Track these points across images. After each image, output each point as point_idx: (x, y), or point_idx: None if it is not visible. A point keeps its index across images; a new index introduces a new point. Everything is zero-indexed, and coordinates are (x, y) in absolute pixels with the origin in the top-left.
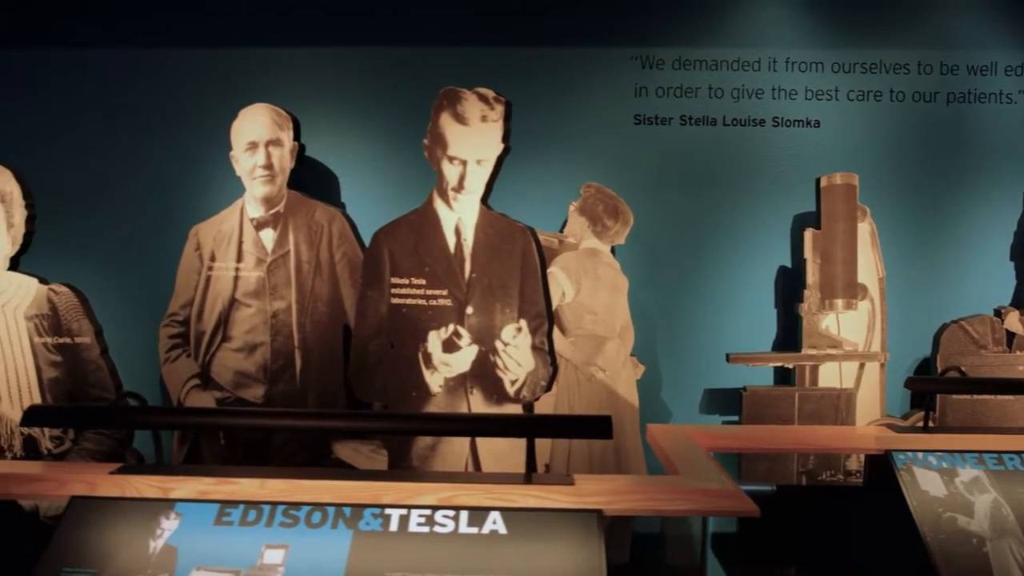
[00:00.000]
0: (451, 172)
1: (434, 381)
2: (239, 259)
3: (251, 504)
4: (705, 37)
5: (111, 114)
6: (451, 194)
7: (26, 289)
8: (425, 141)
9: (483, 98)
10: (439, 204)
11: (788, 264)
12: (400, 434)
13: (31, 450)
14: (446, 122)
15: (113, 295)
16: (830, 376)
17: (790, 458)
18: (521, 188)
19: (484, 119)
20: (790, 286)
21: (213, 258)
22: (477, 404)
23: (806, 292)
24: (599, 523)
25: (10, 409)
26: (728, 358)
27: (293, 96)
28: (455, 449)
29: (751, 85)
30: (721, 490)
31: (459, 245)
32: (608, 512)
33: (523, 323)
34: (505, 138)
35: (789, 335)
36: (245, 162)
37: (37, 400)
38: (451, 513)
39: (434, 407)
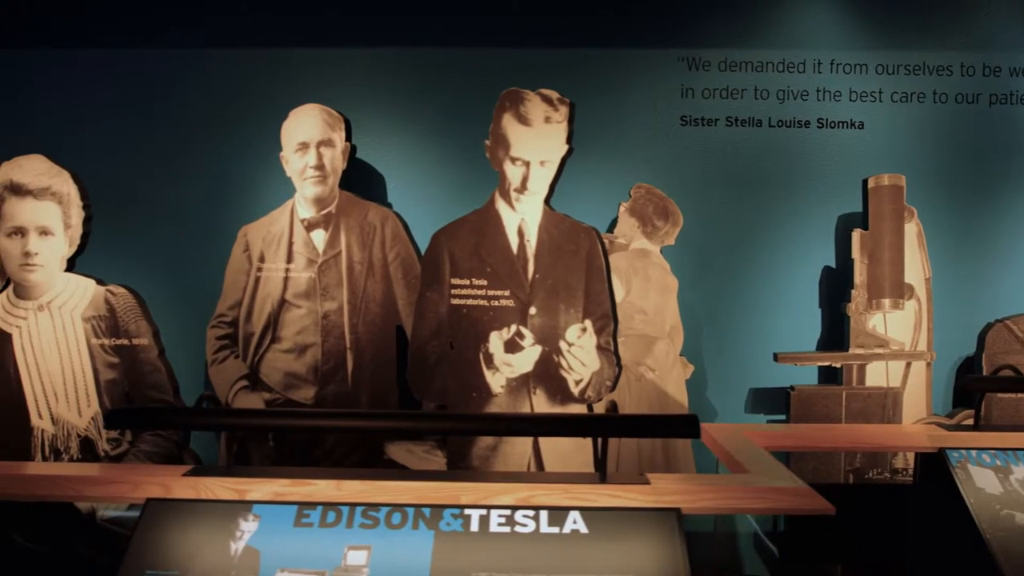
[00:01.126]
0: (514, 173)
1: (495, 382)
2: (289, 260)
3: (329, 505)
4: (751, 39)
5: (162, 114)
6: (514, 195)
7: (83, 290)
8: (487, 142)
9: (547, 99)
10: (501, 205)
11: (832, 264)
12: (481, 434)
13: (88, 452)
14: (508, 123)
15: (160, 296)
16: (877, 375)
17: (837, 456)
18: (569, 188)
19: (548, 120)
20: (834, 286)
21: (262, 259)
22: (540, 404)
23: (853, 292)
24: (679, 522)
25: (67, 411)
26: (776, 357)
27: (341, 97)
28: (517, 449)
29: (796, 87)
30: (796, 488)
31: (522, 246)
32: (686, 511)
33: (588, 323)
34: (569, 139)
35: (834, 335)
36: (295, 163)
37: (94, 402)
38: (531, 513)
39: (495, 408)
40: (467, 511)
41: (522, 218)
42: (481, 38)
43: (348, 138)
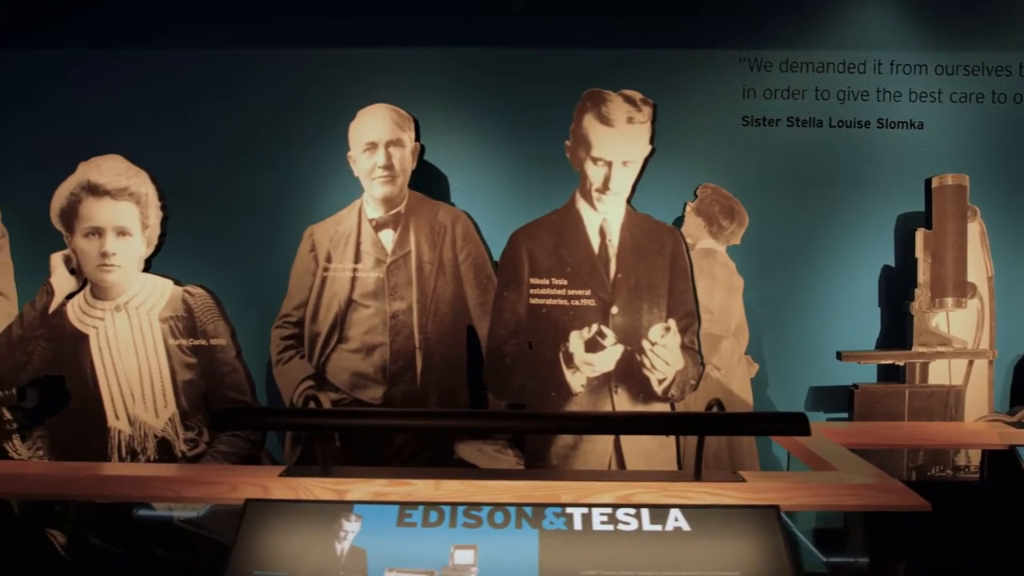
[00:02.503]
0: (595, 173)
1: (575, 381)
2: (357, 260)
3: (431, 505)
4: (812, 39)
5: (230, 114)
6: (595, 195)
7: (160, 291)
8: (567, 143)
9: (629, 100)
10: (582, 205)
11: (892, 263)
12: (587, 432)
13: (164, 453)
14: (590, 123)
15: (225, 296)
16: (939, 373)
17: (900, 454)
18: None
19: (630, 120)
20: (894, 285)
21: (329, 259)
22: (622, 403)
23: (917, 291)
24: (779, 519)
25: (143, 412)
26: (840, 356)
27: (410, 97)
28: (598, 448)
29: (857, 87)
30: (890, 485)
31: (603, 245)
32: (785, 508)
33: (672, 322)
34: (652, 139)
35: (893, 333)
36: (364, 162)
37: (171, 403)
38: (632, 511)
39: (575, 407)
40: (569, 510)
41: (604, 218)
42: (545, 39)
43: (417, 138)
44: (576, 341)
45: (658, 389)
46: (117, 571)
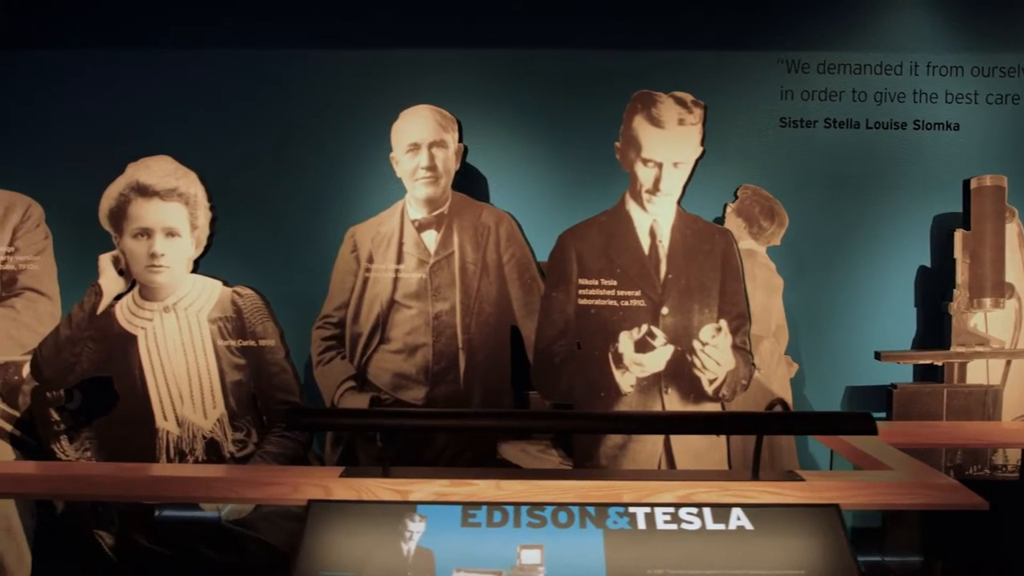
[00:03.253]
0: (645, 174)
1: (625, 381)
2: (399, 260)
3: (494, 505)
4: (849, 41)
5: (272, 115)
6: (645, 196)
7: (209, 292)
8: (617, 144)
9: (680, 101)
10: (632, 206)
11: (928, 264)
12: (651, 432)
13: (213, 454)
14: (640, 125)
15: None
16: (977, 373)
17: (938, 453)
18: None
19: (682, 122)
20: (930, 285)
21: (371, 259)
22: (672, 403)
23: (955, 291)
24: (840, 518)
25: (192, 412)
26: (879, 356)
27: (452, 99)
28: (647, 448)
29: (893, 89)
30: (948, 484)
31: (654, 246)
32: (845, 507)
33: (723, 323)
34: (703, 141)
35: (929, 333)
36: (406, 163)
37: (219, 404)
38: (694, 510)
39: (625, 407)
40: (631, 509)
41: (654, 219)
42: (583, 41)
43: (460, 139)
44: (626, 341)
45: (709, 389)
46: (165, 572)
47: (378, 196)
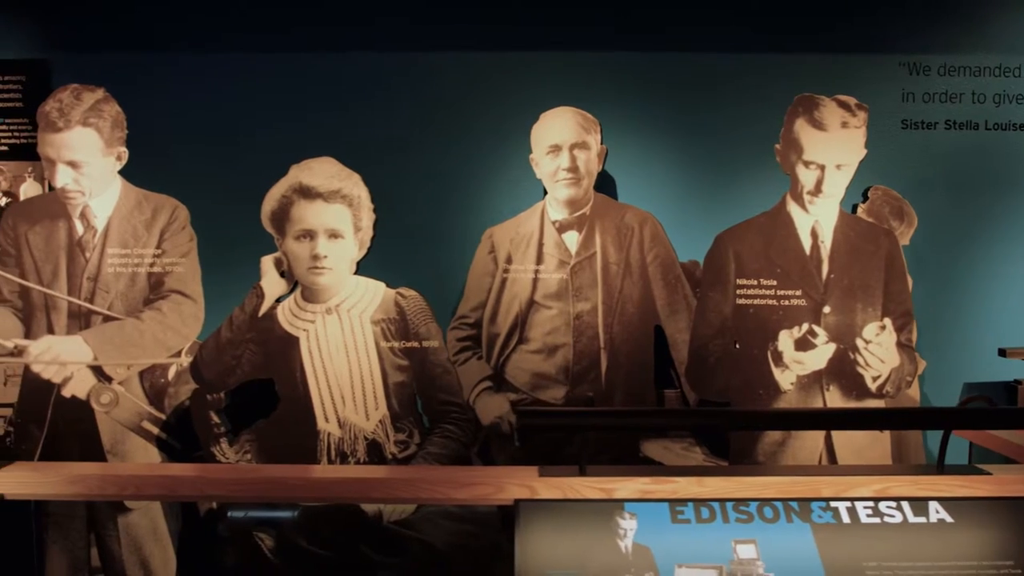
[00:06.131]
0: (807, 176)
1: (784, 379)
2: (539, 261)
3: (700, 502)
4: (969, 44)
5: (413, 116)
6: (807, 197)
7: (372, 293)
8: (777, 146)
9: (843, 105)
10: (793, 207)
11: None
12: (832, 428)
13: (375, 455)
14: (801, 127)
15: None
16: None
17: None
18: None
19: (845, 125)
20: None
21: (509, 260)
22: (834, 400)
23: None
24: None
25: (354, 414)
26: (1005, 352)
27: (592, 100)
28: (807, 444)
29: (1012, 91)
30: None
31: (815, 247)
32: None
33: (887, 321)
34: (866, 143)
35: None
36: (547, 165)
37: (382, 405)
38: (893, 504)
39: (784, 404)
40: (833, 503)
41: (816, 220)
42: (713, 45)
43: (601, 141)
44: (786, 340)
45: (872, 386)
46: (326, 574)
47: (513, 198)
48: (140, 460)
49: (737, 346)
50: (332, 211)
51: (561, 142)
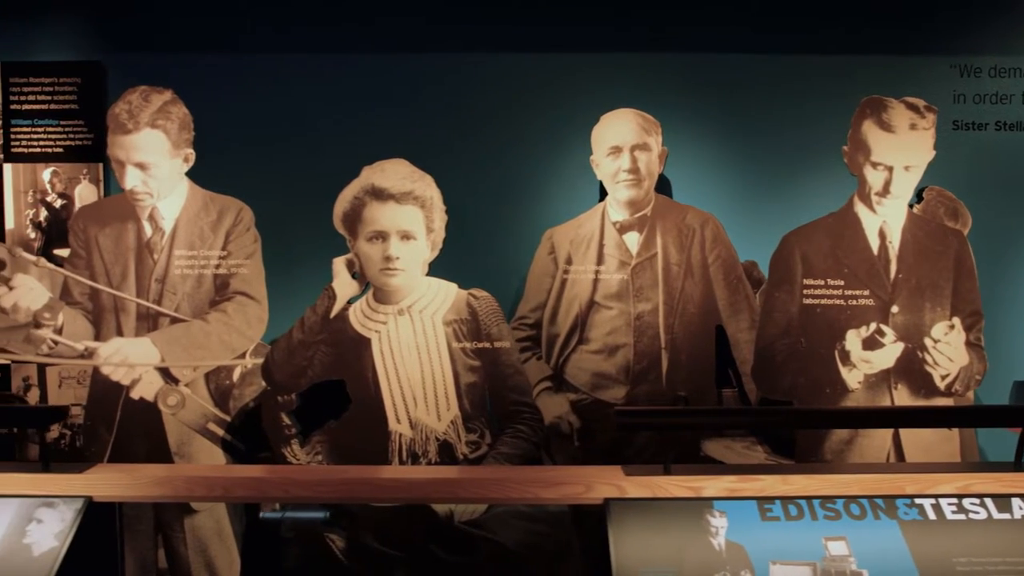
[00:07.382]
0: (875, 177)
1: (852, 378)
2: (599, 262)
3: (787, 499)
4: (1020, 46)
5: (472, 118)
6: (875, 198)
7: (444, 294)
8: (844, 148)
9: (912, 107)
10: (860, 208)
11: None
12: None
13: (446, 455)
14: (869, 129)
15: None
16: None
17: None
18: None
19: (913, 127)
20: None
21: (569, 261)
22: (902, 398)
23: None
24: None
25: (425, 415)
26: None
27: (652, 102)
28: (875, 443)
29: None
30: None
31: (883, 247)
32: None
33: (956, 320)
34: (935, 145)
35: None
36: (607, 166)
37: (453, 406)
38: (976, 500)
39: (851, 403)
40: (917, 500)
41: (883, 220)
42: (765, 46)
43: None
44: (853, 339)
45: (941, 385)
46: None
47: (571, 199)
48: (205, 462)
49: (803, 344)
50: (404, 212)
51: (622, 143)
